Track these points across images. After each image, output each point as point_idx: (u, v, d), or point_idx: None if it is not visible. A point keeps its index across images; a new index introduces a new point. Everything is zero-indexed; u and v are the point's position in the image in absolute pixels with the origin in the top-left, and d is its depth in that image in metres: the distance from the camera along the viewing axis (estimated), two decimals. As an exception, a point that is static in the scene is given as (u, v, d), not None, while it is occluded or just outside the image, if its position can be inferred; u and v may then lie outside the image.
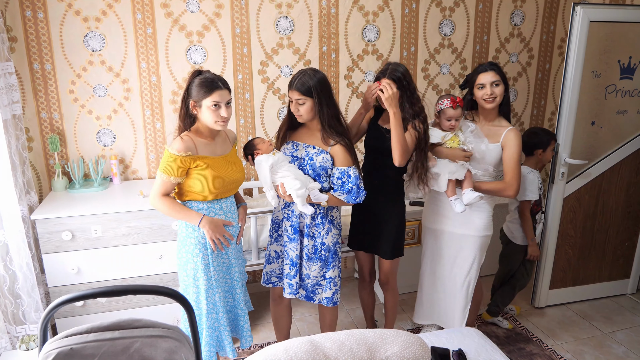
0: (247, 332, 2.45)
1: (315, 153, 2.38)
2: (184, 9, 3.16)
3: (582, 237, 3.41)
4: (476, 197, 2.44)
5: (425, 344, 1.86)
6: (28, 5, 2.93)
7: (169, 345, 1.29)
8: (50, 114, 3.14)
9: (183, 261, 2.28)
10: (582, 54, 3.03)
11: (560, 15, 3.88)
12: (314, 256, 2.47)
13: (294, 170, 2.35)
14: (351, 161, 2.37)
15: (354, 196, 2.38)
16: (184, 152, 2.11)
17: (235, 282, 2.39)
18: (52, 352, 1.21)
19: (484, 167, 2.57)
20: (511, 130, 2.54)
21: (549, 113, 4.12)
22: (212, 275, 2.28)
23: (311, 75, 2.30)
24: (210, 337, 2.30)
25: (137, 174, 3.39)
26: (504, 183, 2.54)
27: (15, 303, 2.72)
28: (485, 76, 2.52)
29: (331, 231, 2.47)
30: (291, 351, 1.70)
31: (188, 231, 2.24)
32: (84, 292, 1.30)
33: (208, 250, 2.25)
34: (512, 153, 2.52)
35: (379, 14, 3.50)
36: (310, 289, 2.53)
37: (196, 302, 2.28)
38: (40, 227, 2.71)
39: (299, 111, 2.33)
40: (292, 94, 2.32)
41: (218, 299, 2.31)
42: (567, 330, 3.19)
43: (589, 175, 3.30)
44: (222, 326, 2.33)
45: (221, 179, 2.20)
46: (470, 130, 2.57)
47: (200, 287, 2.26)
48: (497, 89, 2.52)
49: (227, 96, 2.16)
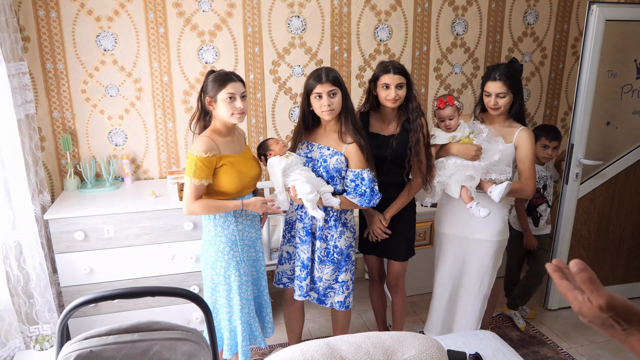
0: (269, 322, 2.53)
1: (329, 155, 2.36)
2: (196, 8, 3.15)
3: (596, 238, 3.38)
4: (506, 187, 2.33)
5: (442, 347, 1.84)
6: (41, 5, 2.94)
7: (188, 348, 1.28)
8: (62, 113, 3.14)
9: (212, 260, 2.30)
10: (597, 53, 2.99)
11: (574, 15, 3.84)
12: (326, 259, 2.45)
13: (306, 173, 2.31)
14: (366, 163, 2.33)
15: (367, 199, 2.34)
16: (209, 152, 2.13)
17: (261, 274, 2.46)
18: (72, 355, 1.20)
19: (501, 169, 2.48)
20: (524, 130, 2.50)
21: (562, 113, 4.08)
22: (244, 272, 2.33)
23: (332, 69, 2.33)
24: (245, 331, 2.36)
25: (149, 174, 3.38)
26: (520, 183, 2.50)
27: (29, 303, 2.72)
28: (493, 86, 2.46)
29: (344, 234, 2.45)
30: (308, 354, 1.69)
31: (217, 230, 2.27)
32: (103, 294, 1.29)
33: (239, 246, 2.30)
34: (526, 152, 2.48)
35: (391, 14, 3.47)
36: (322, 292, 2.51)
37: (227, 300, 2.33)
38: (53, 227, 2.71)
39: (333, 104, 2.27)
40: (323, 87, 2.25)
41: (249, 292, 2.37)
42: (582, 334, 3.16)
43: (603, 176, 3.26)
44: (252, 318, 2.40)
45: (244, 175, 2.25)
46: (485, 136, 2.51)
47: (232, 283, 2.31)
48: (502, 100, 2.46)
49: (241, 88, 2.19)
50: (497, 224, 2.56)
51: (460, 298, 2.74)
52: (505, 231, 2.61)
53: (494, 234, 2.57)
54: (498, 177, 2.44)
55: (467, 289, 2.70)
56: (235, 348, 2.39)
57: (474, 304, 2.70)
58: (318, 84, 2.26)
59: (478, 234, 2.58)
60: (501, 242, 2.60)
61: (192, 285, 2.94)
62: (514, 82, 2.47)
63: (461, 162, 2.45)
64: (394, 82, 2.37)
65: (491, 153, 2.45)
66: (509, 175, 2.49)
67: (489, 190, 2.40)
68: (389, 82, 2.37)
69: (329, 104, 2.26)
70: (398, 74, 2.37)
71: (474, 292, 2.68)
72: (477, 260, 2.63)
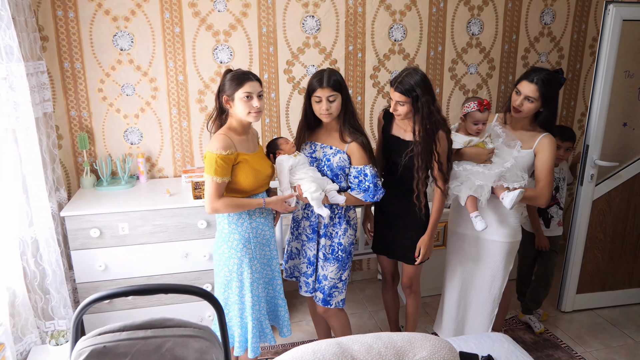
0: (286, 321, 2.54)
1: (332, 153, 2.41)
2: (211, 8, 3.17)
3: (612, 240, 3.33)
4: (518, 194, 2.28)
5: (454, 348, 1.83)
6: (59, 5, 2.98)
7: (200, 346, 1.29)
8: (79, 112, 3.18)
9: (225, 257, 2.33)
10: (614, 54, 2.95)
11: (592, 14, 3.79)
12: (331, 256, 2.48)
13: (312, 172, 2.38)
14: (367, 160, 2.38)
15: (371, 194, 2.40)
16: (228, 149, 2.17)
17: (276, 274, 2.48)
18: (86, 350, 1.22)
19: (515, 175, 2.42)
20: (547, 137, 2.43)
21: (579, 114, 4.03)
22: (256, 269, 2.36)
23: (335, 72, 2.36)
24: (255, 328, 2.38)
25: (163, 172, 3.41)
26: (535, 191, 2.44)
27: (45, 298, 2.76)
28: (527, 86, 2.39)
29: (347, 231, 2.49)
30: (319, 353, 1.69)
31: (231, 227, 2.30)
32: (118, 290, 1.30)
33: (252, 244, 2.33)
34: (545, 159, 2.42)
35: (406, 13, 3.46)
36: (327, 291, 2.51)
37: (239, 296, 2.36)
38: (69, 224, 2.75)
39: (330, 109, 2.32)
40: (323, 92, 2.30)
41: (261, 290, 2.40)
42: (596, 338, 3.12)
43: (620, 177, 3.22)
44: (263, 316, 2.43)
45: (259, 173, 2.29)
46: (501, 141, 2.46)
47: (245, 280, 2.33)
48: (528, 104, 2.39)
49: (258, 87, 2.22)
50: (510, 226, 2.54)
51: (471, 299, 2.73)
52: (518, 233, 2.58)
53: (506, 235, 2.54)
54: (511, 184, 2.39)
55: (477, 290, 2.69)
56: (246, 344, 2.41)
57: (485, 306, 2.68)
58: (319, 88, 2.31)
59: (490, 234, 2.56)
60: (513, 243, 2.57)
61: (205, 284, 2.96)
62: (549, 92, 2.39)
63: (472, 168, 2.42)
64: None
65: (503, 159, 2.40)
66: (524, 182, 2.42)
67: (502, 197, 2.38)
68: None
69: (327, 109, 2.32)
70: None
71: (485, 294, 2.66)
72: (488, 261, 2.61)
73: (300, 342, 3.04)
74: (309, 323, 3.26)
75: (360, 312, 3.45)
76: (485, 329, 2.70)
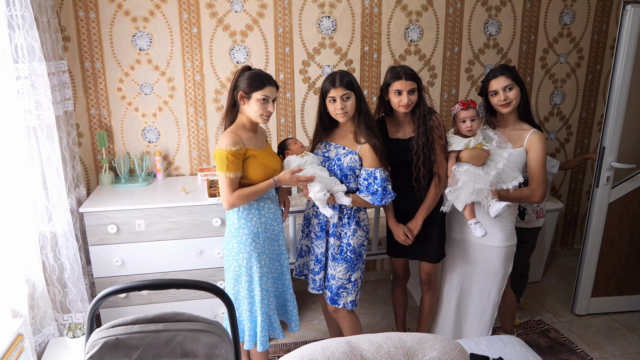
0: (295, 317, 2.58)
1: (343, 154, 2.43)
2: (229, 9, 3.21)
3: (629, 244, 3.28)
4: (503, 207, 2.32)
5: (464, 350, 1.83)
6: (81, 6, 3.05)
7: (210, 340, 1.31)
8: (99, 110, 3.25)
9: (234, 252, 2.37)
10: (632, 54, 2.92)
11: (613, 15, 3.73)
12: (339, 257, 2.49)
13: (319, 172, 2.39)
14: (378, 163, 2.39)
15: (379, 198, 2.39)
16: (237, 145, 2.22)
17: (285, 269, 2.52)
18: (99, 342, 1.25)
19: (510, 175, 2.43)
20: (535, 133, 2.47)
21: (599, 116, 3.97)
22: (265, 263, 2.39)
23: (347, 73, 2.40)
24: (264, 322, 2.41)
25: (180, 171, 3.46)
26: (529, 189, 2.46)
27: (63, 292, 2.82)
28: (497, 82, 2.48)
29: (357, 232, 2.49)
30: (328, 351, 1.71)
31: (241, 222, 2.34)
32: (130, 284, 1.34)
33: (260, 238, 2.37)
34: (536, 156, 2.44)
35: (422, 14, 3.45)
36: (335, 291, 2.53)
37: (248, 291, 2.39)
38: (87, 220, 2.81)
39: (346, 107, 2.36)
40: (337, 91, 2.34)
41: (270, 285, 2.43)
42: (613, 343, 3.07)
43: (637, 180, 3.17)
44: (272, 310, 2.46)
45: (269, 168, 2.33)
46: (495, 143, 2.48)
47: (254, 275, 2.37)
48: (511, 92, 2.46)
49: (274, 93, 2.30)
50: (506, 230, 2.53)
51: (470, 305, 2.72)
52: (513, 236, 2.57)
53: (503, 240, 2.54)
54: (510, 184, 2.41)
55: (475, 296, 2.68)
56: (255, 338, 2.43)
57: (484, 311, 2.68)
58: (332, 88, 2.35)
59: (486, 240, 2.55)
60: (510, 247, 2.56)
61: (219, 281, 3.00)
62: (515, 74, 2.49)
63: (473, 170, 2.43)
64: (406, 87, 2.40)
65: (496, 161, 2.43)
66: (520, 180, 2.44)
67: (488, 204, 2.38)
68: (400, 88, 2.40)
69: (342, 107, 2.35)
70: (410, 79, 2.40)
71: (483, 299, 2.66)
72: (486, 266, 2.60)
73: (312, 340, 3.05)
74: (322, 322, 3.27)
75: (373, 313, 3.45)
76: (484, 334, 2.69)
